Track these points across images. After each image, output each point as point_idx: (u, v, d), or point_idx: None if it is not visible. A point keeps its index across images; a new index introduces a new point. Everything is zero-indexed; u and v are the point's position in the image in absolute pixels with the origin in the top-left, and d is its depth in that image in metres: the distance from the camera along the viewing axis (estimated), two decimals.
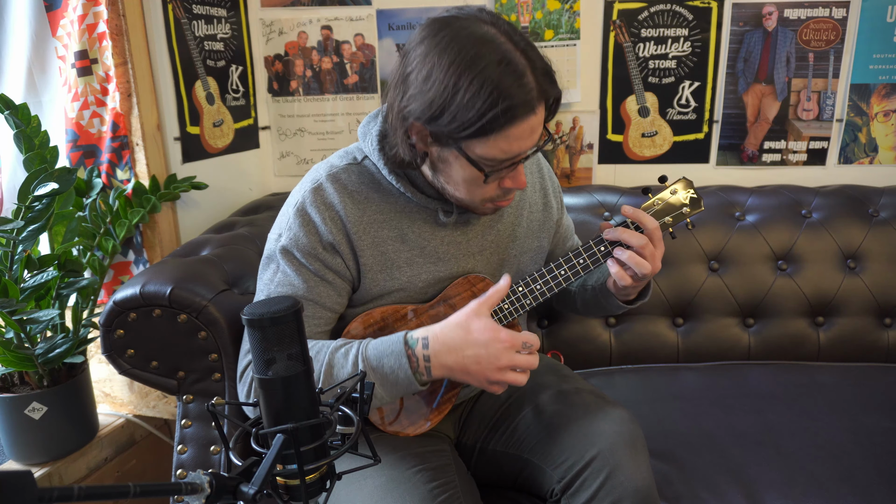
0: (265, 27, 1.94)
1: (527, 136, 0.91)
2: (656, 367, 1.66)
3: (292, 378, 0.60)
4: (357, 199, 1.03)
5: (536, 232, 1.19)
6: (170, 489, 0.52)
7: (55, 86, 1.53)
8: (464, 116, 0.86)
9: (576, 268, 1.09)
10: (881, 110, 1.89)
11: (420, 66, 0.89)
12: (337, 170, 1.05)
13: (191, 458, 1.19)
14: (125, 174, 1.53)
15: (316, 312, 1.04)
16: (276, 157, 2.05)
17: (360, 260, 1.04)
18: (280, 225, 1.06)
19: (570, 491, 1.01)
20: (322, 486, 0.63)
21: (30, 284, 1.32)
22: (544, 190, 1.22)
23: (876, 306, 1.69)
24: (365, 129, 1.07)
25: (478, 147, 0.90)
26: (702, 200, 1.14)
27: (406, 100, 0.91)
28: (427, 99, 0.88)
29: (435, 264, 1.07)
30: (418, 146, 0.95)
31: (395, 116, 0.94)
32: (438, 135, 0.91)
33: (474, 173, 0.94)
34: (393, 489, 0.98)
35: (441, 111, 0.87)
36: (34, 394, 1.38)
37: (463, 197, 1.00)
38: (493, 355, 0.94)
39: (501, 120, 0.86)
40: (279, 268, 1.04)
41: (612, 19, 1.86)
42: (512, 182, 0.98)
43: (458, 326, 0.96)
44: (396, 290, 1.06)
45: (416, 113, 0.90)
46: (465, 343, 0.94)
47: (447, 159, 0.95)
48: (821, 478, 1.21)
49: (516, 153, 0.92)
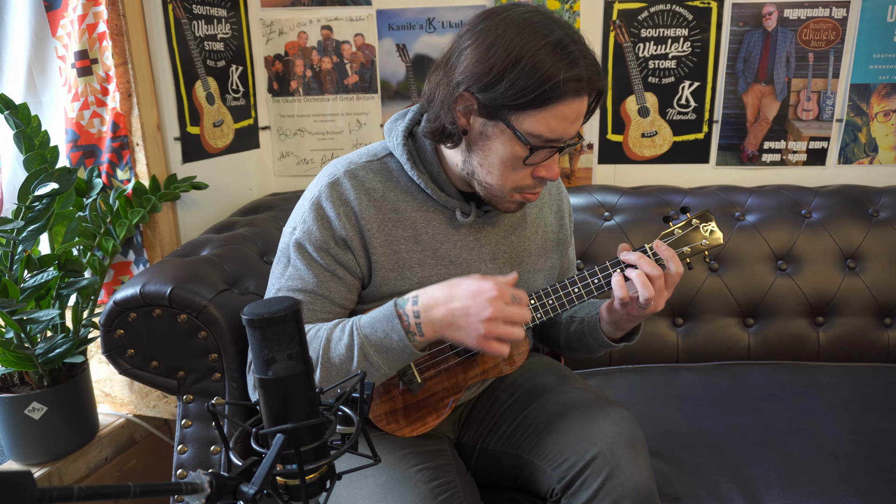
0: (265, 27, 1.94)
1: (573, 118, 0.94)
2: (656, 367, 1.66)
3: (292, 378, 0.60)
4: (373, 196, 1.04)
5: (550, 251, 1.21)
6: (170, 489, 0.52)
7: (55, 86, 1.53)
8: (522, 84, 0.89)
9: (589, 286, 1.08)
10: (881, 110, 1.89)
11: (481, 40, 0.92)
12: (355, 166, 1.06)
13: (191, 457, 1.19)
14: (125, 174, 1.53)
15: (325, 307, 1.04)
16: (276, 157, 2.05)
17: (371, 257, 1.04)
18: (295, 218, 1.07)
19: (571, 491, 1.01)
20: (322, 485, 0.63)
21: (30, 284, 1.32)
22: (560, 213, 1.24)
23: (876, 306, 1.69)
24: (391, 125, 1.09)
25: (526, 121, 0.92)
26: (722, 236, 1.12)
27: (462, 69, 0.93)
28: (487, 66, 0.90)
29: (447, 267, 1.08)
30: (460, 121, 0.97)
31: (445, 88, 0.96)
32: (489, 105, 0.93)
33: (515, 151, 0.95)
34: (393, 489, 0.98)
35: (500, 78, 0.89)
36: (34, 394, 1.38)
37: (494, 182, 1.00)
38: (481, 305, 0.91)
39: (560, 90, 0.89)
40: (290, 262, 1.04)
41: (612, 19, 1.86)
42: (546, 172, 0.99)
43: (447, 284, 0.96)
44: (406, 291, 1.05)
45: (470, 80, 0.92)
46: (452, 296, 0.93)
47: (490, 135, 0.96)
48: (821, 478, 1.21)
49: (560, 135, 0.94)
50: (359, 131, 2.01)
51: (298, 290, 1.03)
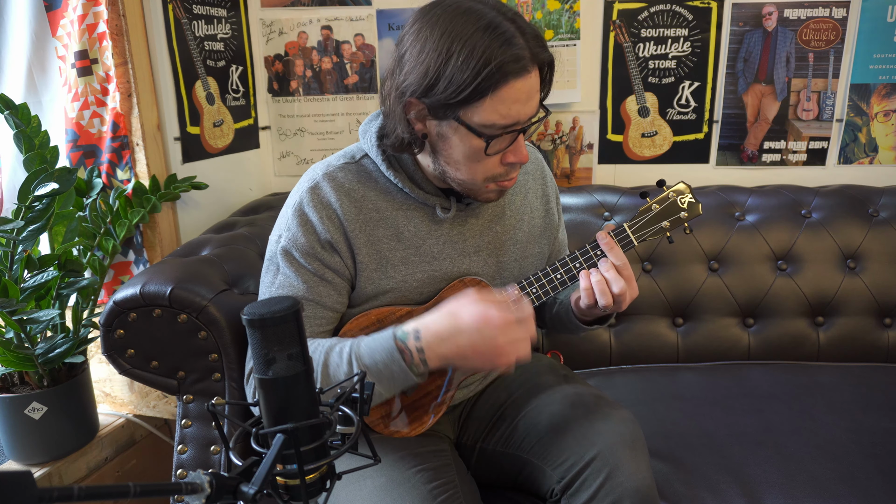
0: (265, 27, 1.94)
1: (523, 99, 0.91)
2: (656, 367, 1.66)
3: (292, 378, 0.60)
4: (353, 197, 1.04)
5: (538, 237, 1.19)
6: (170, 489, 0.52)
7: (55, 86, 1.53)
8: (459, 79, 0.88)
9: (572, 271, 1.08)
10: (881, 110, 1.89)
11: (413, 44, 0.92)
12: (333, 168, 1.06)
13: (191, 457, 1.19)
14: (125, 174, 1.53)
15: (317, 313, 1.04)
16: (276, 157, 2.05)
17: (356, 258, 1.04)
18: (280, 226, 1.07)
19: (570, 491, 1.01)
20: (322, 486, 0.63)
21: (30, 284, 1.32)
22: (546, 197, 1.22)
23: (876, 306, 1.69)
24: (365, 127, 1.09)
25: (475, 114, 0.91)
26: (700, 205, 1.13)
27: (403, 77, 0.92)
28: (422, 70, 0.90)
29: (430, 264, 1.07)
30: (416, 126, 0.96)
31: (393, 98, 0.95)
32: (436, 107, 0.92)
33: (474, 145, 0.94)
34: (393, 489, 0.98)
35: (436, 79, 0.89)
36: (34, 394, 1.38)
37: (465, 178, 0.99)
38: (489, 338, 0.91)
39: (496, 76, 0.87)
40: (279, 270, 1.04)
41: (612, 19, 1.86)
42: (514, 156, 0.97)
43: (448, 314, 0.94)
44: (391, 290, 1.06)
45: (412, 87, 0.91)
46: (456, 330, 0.92)
47: (446, 135, 0.95)
48: (821, 478, 1.21)
49: (515, 118, 0.92)
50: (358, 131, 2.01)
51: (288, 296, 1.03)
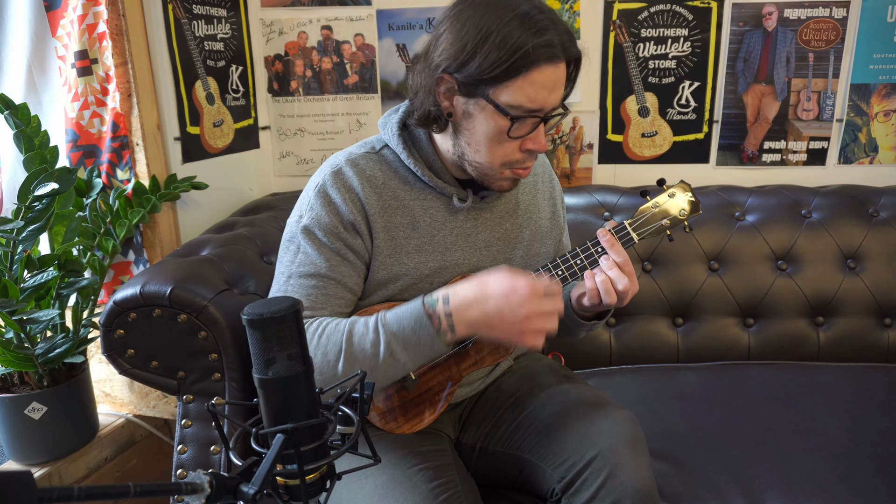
0: (265, 27, 1.94)
1: (551, 86, 0.95)
2: (656, 367, 1.66)
3: (292, 378, 0.60)
4: (374, 184, 1.06)
5: (544, 237, 1.21)
6: (170, 489, 0.52)
7: (55, 86, 1.53)
8: (494, 56, 0.91)
9: (573, 268, 1.09)
10: (881, 110, 1.89)
11: (453, 24, 0.96)
12: (355, 156, 1.08)
13: (191, 458, 1.19)
14: (125, 174, 1.53)
15: (338, 292, 1.04)
16: (276, 157, 2.05)
17: (374, 242, 1.06)
18: (301, 206, 1.07)
19: (571, 491, 1.01)
20: (322, 485, 0.63)
21: (30, 284, 1.32)
22: (553, 199, 1.25)
23: (876, 306, 1.69)
24: (385, 119, 1.12)
25: (504, 93, 0.94)
26: (700, 204, 1.14)
27: (439, 55, 0.97)
28: (459, 47, 0.94)
29: (442, 254, 1.09)
30: (444, 104, 1.00)
31: (426, 75, 0.99)
32: (467, 83, 0.95)
33: (499, 124, 0.97)
34: (393, 488, 0.98)
35: (473, 54, 0.93)
36: (34, 394, 1.37)
37: (483, 160, 1.02)
38: (515, 305, 0.94)
39: (531, 57, 0.91)
40: (300, 248, 1.04)
41: (612, 19, 1.86)
42: (533, 143, 1.00)
43: (477, 283, 0.97)
44: (402, 276, 1.07)
45: (446, 62, 0.95)
46: (484, 296, 0.95)
47: (472, 113, 0.98)
48: (821, 478, 1.21)
49: (540, 104, 0.96)
50: (359, 131, 2.01)
51: (310, 275, 1.03)
